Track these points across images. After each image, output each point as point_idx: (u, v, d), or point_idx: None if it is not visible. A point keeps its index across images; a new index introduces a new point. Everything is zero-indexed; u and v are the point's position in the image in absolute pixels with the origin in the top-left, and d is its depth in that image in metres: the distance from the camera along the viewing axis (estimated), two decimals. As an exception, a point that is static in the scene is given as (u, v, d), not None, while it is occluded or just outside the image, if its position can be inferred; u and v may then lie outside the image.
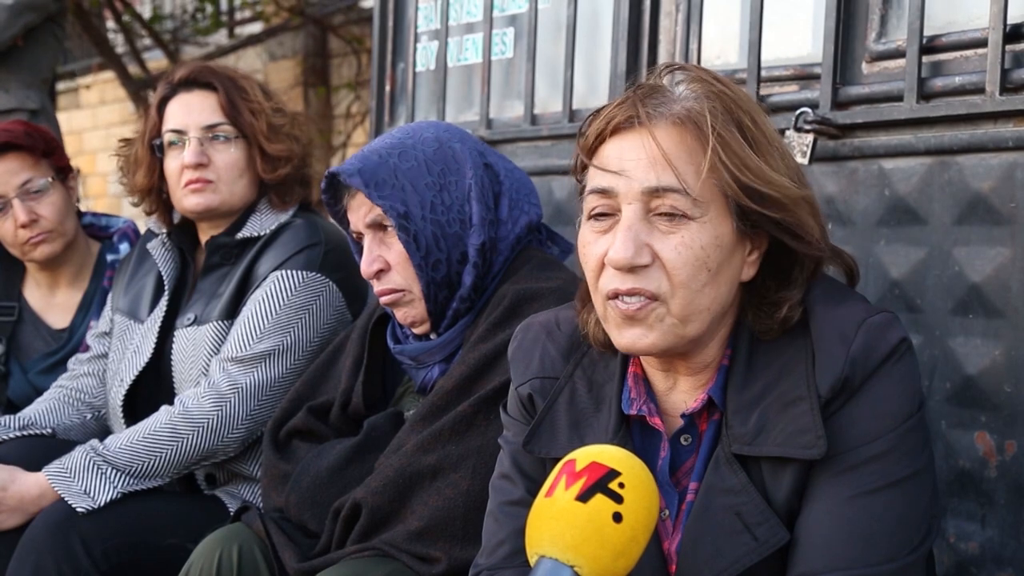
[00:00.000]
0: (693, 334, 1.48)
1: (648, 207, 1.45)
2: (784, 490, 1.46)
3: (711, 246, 1.45)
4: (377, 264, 2.05)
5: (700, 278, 1.45)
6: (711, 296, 1.47)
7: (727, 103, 1.47)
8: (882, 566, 1.41)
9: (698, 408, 1.52)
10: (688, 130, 1.45)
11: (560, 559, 1.31)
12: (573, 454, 1.39)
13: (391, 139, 2.09)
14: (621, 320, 1.48)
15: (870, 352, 1.45)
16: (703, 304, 1.47)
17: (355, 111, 7.08)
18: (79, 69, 9.96)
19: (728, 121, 1.46)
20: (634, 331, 1.47)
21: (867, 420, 1.44)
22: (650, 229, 1.45)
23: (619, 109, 1.48)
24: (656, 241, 1.45)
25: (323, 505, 2.02)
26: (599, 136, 1.50)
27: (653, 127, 1.45)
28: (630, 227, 1.45)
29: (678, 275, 1.44)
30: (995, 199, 1.91)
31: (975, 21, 1.99)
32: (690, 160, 1.44)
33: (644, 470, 1.37)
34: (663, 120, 1.46)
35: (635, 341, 1.48)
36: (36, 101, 4.68)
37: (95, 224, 3.11)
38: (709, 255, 1.45)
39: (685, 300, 1.45)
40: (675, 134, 1.45)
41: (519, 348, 1.68)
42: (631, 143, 1.47)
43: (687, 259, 1.44)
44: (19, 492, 2.37)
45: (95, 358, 2.75)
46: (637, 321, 1.46)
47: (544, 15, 2.81)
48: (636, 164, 1.45)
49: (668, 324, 1.46)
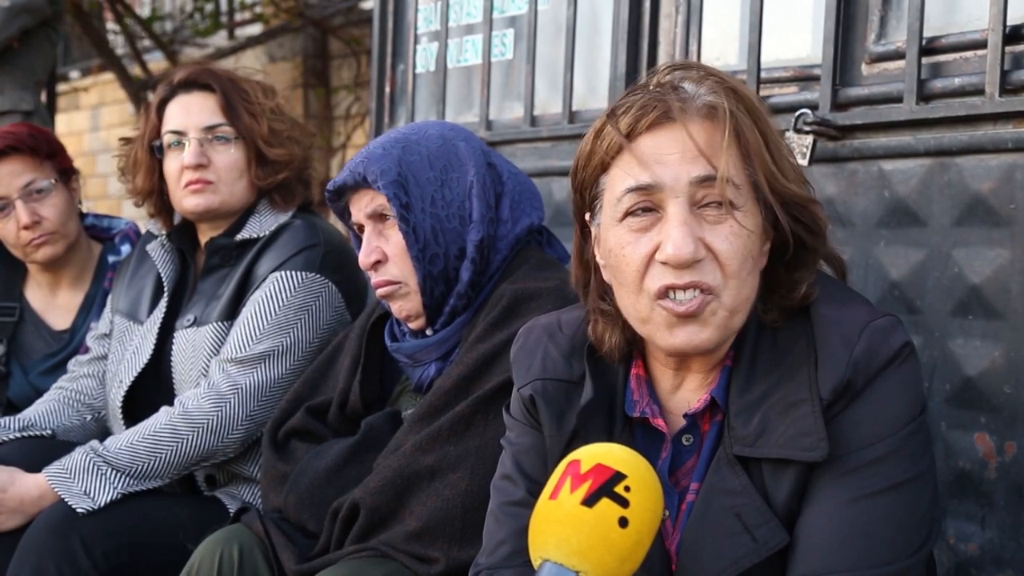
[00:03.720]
0: (737, 326, 1.49)
1: (694, 199, 1.45)
2: (785, 492, 1.45)
3: (754, 234, 1.47)
4: (375, 255, 2.06)
5: (747, 267, 1.46)
6: (752, 285, 1.48)
7: (739, 99, 1.49)
8: (882, 569, 1.41)
9: (701, 409, 1.52)
10: (716, 124, 1.46)
11: (565, 564, 1.30)
12: (577, 454, 1.38)
13: (396, 134, 2.11)
14: (674, 319, 1.46)
15: (873, 356, 1.45)
16: (747, 294, 1.48)
17: (355, 112, 7.08)
18: (79, 70, 9.96)
19: (745, 116, 1.47)
20: (689, 329, 1.46)
21: (869, 423, 1.44)
22: (699, 221, 1.45)
23: (647, 105, 1.47)
24: (707, 233, 1.45)
25: (322, 505, 2.02)
26: (631, 133, 1.48)
27: (686, 121, 1.46)
28: (684, 221, 1.44)
29: (731, 265, 1.45)
30: (994, 200, 1.91)
31: (974, 22, 1.99)
32: (729, 151, 1.45)
33: (650, 471, 1.36)
34: (697, 114, 1.47)
35: (690, 338, 1.46)
36: (30, 103, 4.69)
37: (97, 225, 3.11)
38: (753, 244, 1.47)
39: (735, 291, 1.46)
40: (707, 127, 1.46)
41: (521, 350, 1.68)
42: (668, 138, 1.46)
43: (737, 248, 1.45)
44: (19, 493, 2.37)
45: (95, 359, 2.75)
46: (693, 318, 1.45)
47: (544, 16, 2.81)
48: (680, 157, 1.45)
49: (721, 318, 1.46)
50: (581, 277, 1.63)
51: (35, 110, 4.69)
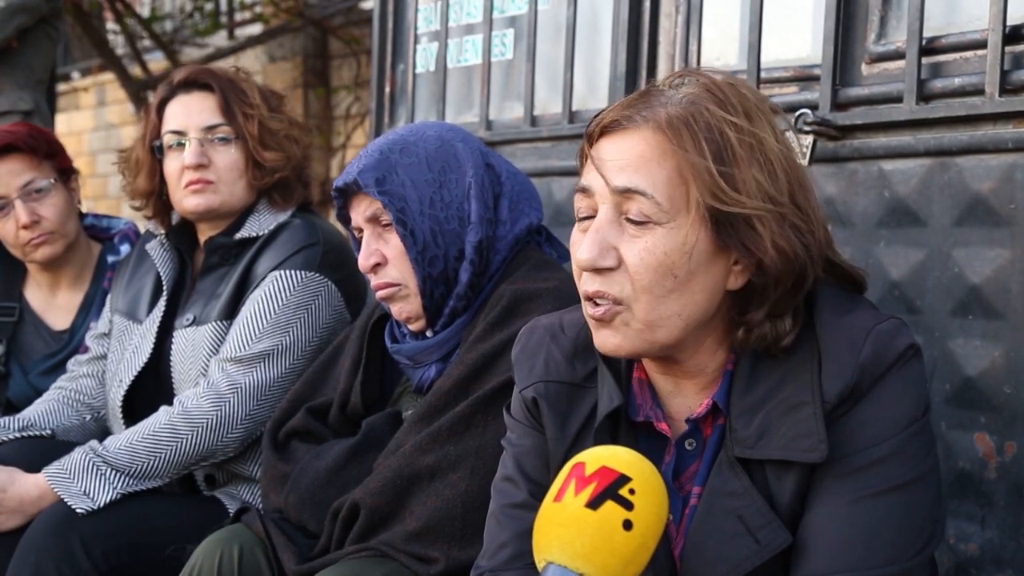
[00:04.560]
0: (664, 340, 1.48)
1: (620, 209, 1.46)
2: (788, 493, 1.45)
3: (677, 252, 1.44)
4: (374, 258, 2.06)
5: (665, 284, 1.44)
6: (680, 303, 1.46)
7: (716, 112, 1.45)
8: (884, 569, 1.41)
9: (703, 413, 1.52)
10: (667, 137, 1.44)
11: (569, 567, 1.30)
12: (582, 456, 1.38)
13: (394, 135, 2.10)
14: (594, 321, 1.50)
15: (879, 359, 1.44)
16: (670, 311, 1.46)
17: (355, 112, 7.07)
18: (79, 70, 9.96)
19: (710, 130, 1.44)
20: (603, 332, 1.49)
21: (872, 424, 1.44)
22: (620, 232, 1.46)
23: (612, 110, 1.50)
24: (623, 245, 1.45)
25: (322, 505, 2.02)
26: (590, 136, 1.51)
27: (636, 130, 1.46)
28: (599, 229, 1.46)
29: (640, 280, 1.44)
30: (995, 200, 1.91)
31: (974, 22, 1.99)
32: (663, 166, 1.44)
33: (654, 474, 1.36)
34: (647, 124, 1.46)
35: (604, 342, 1.50)
36: (29, 102, 4.69)
37: (96, 225, 3.11)
38: (675, 262, 1.44)
39: (649, 306, 1.45)
40: (654, 140, 1.45)
41: (523, 351, 1.68)
42: (615, 144, 1.47)
43: (649, 264, 1.44)
44: (18, 493, 2.37)
45: (94, 359, 2.75)
46: (604, 323, 1.48)
47: (544, 16, 2.81)
48: (612, 165, 1.46)
49: (634, 329, 1.47)
50: None
51: (34, 110, 4.68)
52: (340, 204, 2.12)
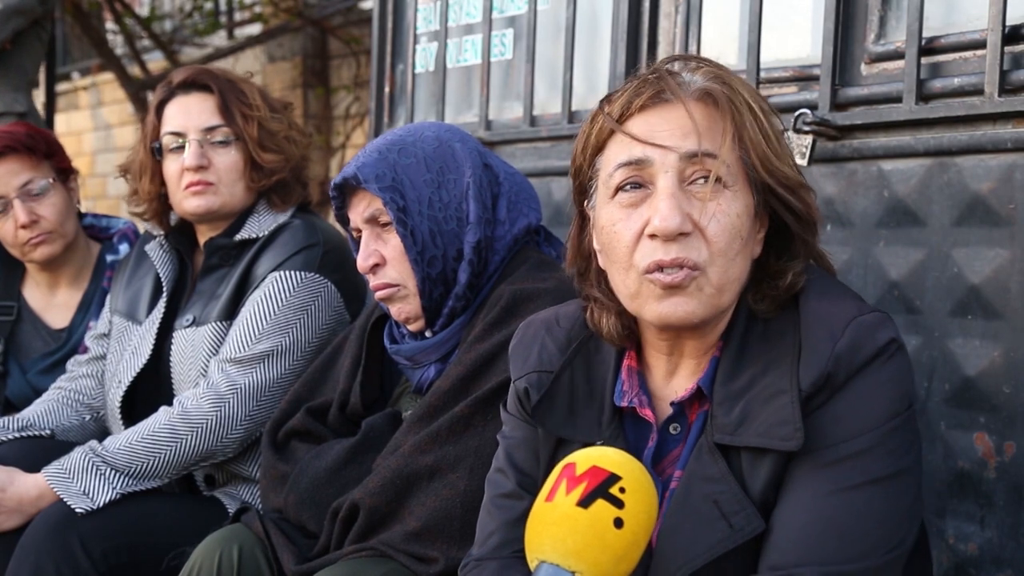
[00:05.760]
0: (725, 304, 1.50)
1: (683, 175, 1.47)
2: (761, 481, 1.46)
3: (743, 215, 1.48)
4: (373, 258, 2.06)
5: (735, 246, 1.47)
6: (740, 267, 1.49)
7: (734, 86, 1.51)
8: (855, 564, 1.41)
9: (688, 397, 1.53)
10: (711, 105, 1.48)
11: (561, 565, 1.31)
12: (573, 457, 1.39)
13: (392, 136, 2.10)
14: (661, 291, 1.47)
15: (856, 350, 1.45)
16: (735, 274, 1.49)
17: (354, 112, 7.08)
18: (78, 70, 9.96)
19: (742, 102, 1.49)
20: (674, 299, 1.47)
21: (849, 417, 1.45)
22: (687, 198, 1.47)
23: (641, 88, 1.50)
24: (694, 209, 1.46)
25: (322, 505, 2.03)
26: (625, 113, 1.51)
27: (678, 102, 1.48)
28: (672, 194, 1.46)
29: (717, 243, 1.46)
30: (994, 200, 1.91)
31: (974, 22, 1.99)
32: (717, 132, 1.47)
33: (644, 473, 1.37)
34: (690, 96, 1.49)
35: (675, 308, 1.47)
36: (24, 104, 4.71)
37: (95, 225, 3.11)
38: (743, 224, 1.48)
39: (722, 269, 1.47)
40: (701, 108, 1.48)
41: (519, 344, 1.70)
42: (661, 116, 1.49)
43: (724, 227, 1.46)
44: (18, 493, 2.37)
45: (94, 359, 2.75)
46: (679, 290, 1.47)
47: (543, 16, 2.81)
48: (671, 133, 1.47)
49: (707, 294, 1.47)
50: (579, 264, 1.64)
51: (29, 110, 4.69)
52: (338, 204, 2.12)
